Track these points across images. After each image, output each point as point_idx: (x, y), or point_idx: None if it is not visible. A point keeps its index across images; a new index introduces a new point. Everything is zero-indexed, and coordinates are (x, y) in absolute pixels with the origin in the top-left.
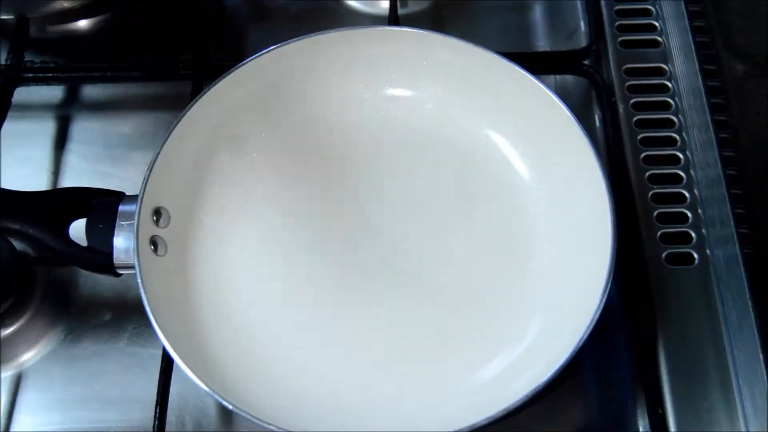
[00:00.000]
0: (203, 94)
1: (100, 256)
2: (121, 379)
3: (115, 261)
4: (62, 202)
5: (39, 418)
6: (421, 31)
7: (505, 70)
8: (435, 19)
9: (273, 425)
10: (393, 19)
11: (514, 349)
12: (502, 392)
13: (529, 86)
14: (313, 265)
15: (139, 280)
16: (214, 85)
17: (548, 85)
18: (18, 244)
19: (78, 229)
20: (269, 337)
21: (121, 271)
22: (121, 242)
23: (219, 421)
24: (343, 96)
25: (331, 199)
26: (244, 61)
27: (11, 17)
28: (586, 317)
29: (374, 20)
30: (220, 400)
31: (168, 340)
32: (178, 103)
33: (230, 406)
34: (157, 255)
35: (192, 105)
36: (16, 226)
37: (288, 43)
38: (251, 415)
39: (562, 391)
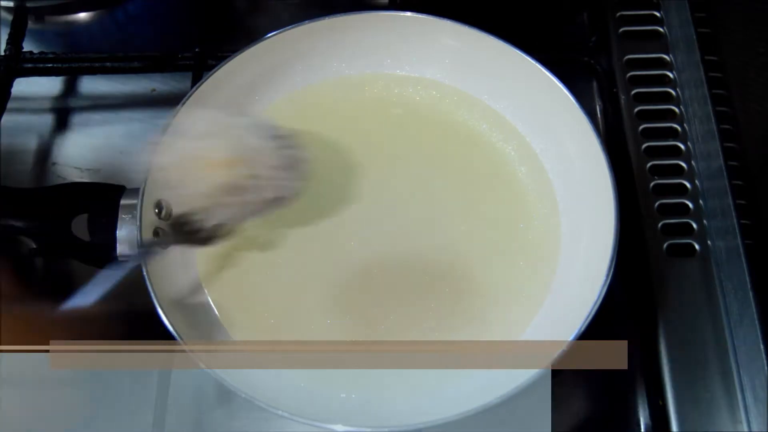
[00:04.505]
0: (203, 82)
1: (104, 251)
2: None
3: (119, 255)
4: (63, 199)
5: None
6: (427, 17)
7: (510, 56)
8: (438, 5)
9: (283, 411)
10: (397, 3)
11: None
12: (502, 379)
13: (535, 73)
14: (319, 248)
15: (145, 273)
16: (214, 72)
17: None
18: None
19: (80, 224)
20: (275, 324)
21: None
22: (125, 236)
23: (219, 410)
24: (349, 79)
25: (334, 181)
26: (246, 47)
27: (10, 5)
28: (587, 308)
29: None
30: (233, 387)
31: (176, 331)
32: (178, 95)
33: (243, 394)
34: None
35: (192, 93)
36: (19, 224)
37: (291, 28)
38: (262, 402)
39: (562, 382)
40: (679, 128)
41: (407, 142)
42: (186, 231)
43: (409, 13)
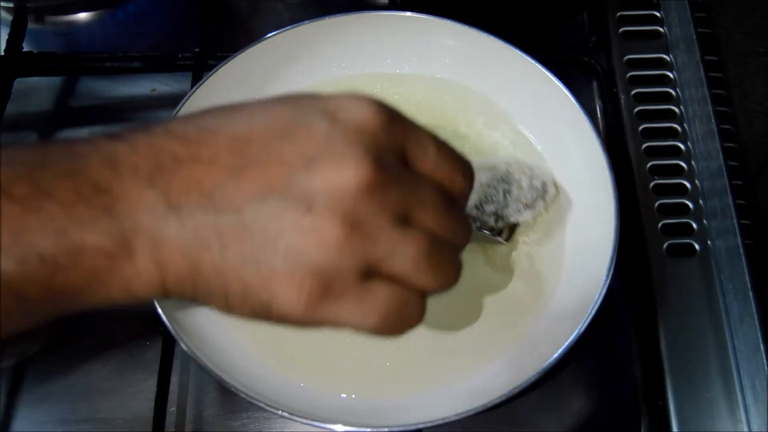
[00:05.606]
0: (203, 82)
1: None
2: (121, 369)
3: None
4: None
5: (39, 409)
6: (427, 17)
7: (510, 56)
8: (438, 5)
9: (283, 411)
10: (397, 3)
11: (516, 343)
12: (502, 379)
13: (535, 73)
14: None
15: None
16: (214, 72)
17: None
18: None
19: None
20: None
21: None
22: None
23: (219, 410)
24: (349, 79)
25: None
26: (246, 47)
27: (10, 5)
28: (587, 308)
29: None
30: (233, 387)
31: (174, 330)
32: (178, 94)
33: (243, 394)
34: None
35: (192, 93)
36: None
37: (291, 28)
38: (262, 402)
39: (563, 383)
40: (679, 128)
41: None
42: None
43: (409, 13)
